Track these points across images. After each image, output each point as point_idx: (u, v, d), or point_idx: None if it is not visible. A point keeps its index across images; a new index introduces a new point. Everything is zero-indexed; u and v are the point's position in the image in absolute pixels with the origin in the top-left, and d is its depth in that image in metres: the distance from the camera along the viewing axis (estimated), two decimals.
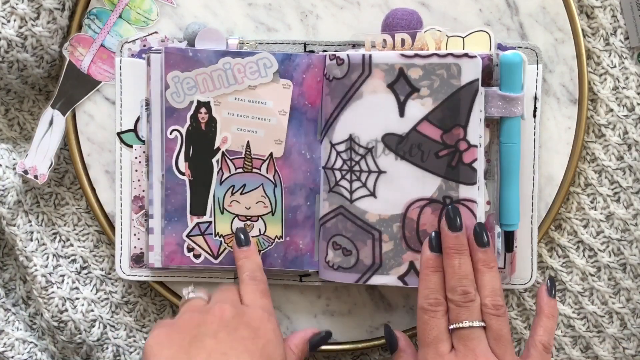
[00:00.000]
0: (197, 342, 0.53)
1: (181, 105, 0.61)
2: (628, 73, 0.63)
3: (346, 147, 0.60)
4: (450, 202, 0.57)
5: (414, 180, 0.58)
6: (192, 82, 0.61)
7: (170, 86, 0.61)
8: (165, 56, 0.60)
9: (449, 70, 0.57)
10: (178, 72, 0.61)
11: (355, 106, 0.59)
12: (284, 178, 0.62)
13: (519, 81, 0.58)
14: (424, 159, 0.58)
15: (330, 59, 0.60)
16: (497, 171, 0.60)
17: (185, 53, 0.61)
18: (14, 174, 0.65)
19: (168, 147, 0.61)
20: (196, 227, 0.62)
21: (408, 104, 0.58)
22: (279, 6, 0.63)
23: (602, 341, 0.66)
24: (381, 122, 0.59)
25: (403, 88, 0.58)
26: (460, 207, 0.57)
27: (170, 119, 0.61)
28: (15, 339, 0.67)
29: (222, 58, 0.61)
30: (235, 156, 0.62)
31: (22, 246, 0.65)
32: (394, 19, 0.62)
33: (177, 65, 0.60)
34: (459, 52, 0.57)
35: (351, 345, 0.66)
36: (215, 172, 0.62)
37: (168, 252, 0.62)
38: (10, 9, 0.60)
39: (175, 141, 0.61)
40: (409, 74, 0.58)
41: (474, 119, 0.57)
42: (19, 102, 0.67)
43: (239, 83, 0.61)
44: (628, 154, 0.64)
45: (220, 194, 0.62)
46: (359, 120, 0.59)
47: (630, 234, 0.64)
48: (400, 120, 0.58)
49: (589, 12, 0.63)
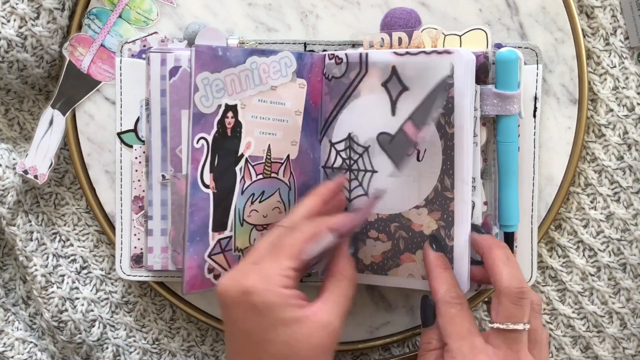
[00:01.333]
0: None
1: (209, 110, 0.56)
2: (628, 73, 0.63)
3: (345, 146, 0.60)
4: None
5: (413, 179, 0.58)
6: (220, 84, 0.56)
7: (199, 89, 0.55)
8: (195, 55, 0.55)
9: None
10: (208, 73, 0.55)
11: (353, 105, 0.59)
12: (296, 180, 0.60)
13: (515, 79, 0.58)
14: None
15: (329, 58, 0.60)
16: (494, 171, 0.60)
17: (215, 52, 0.55)
18: (14, 174, 0.65)
19: (194, 157, 0.55)
20: (217, 245, 0.57)
21: (399, 102, 0.57)
22: (279, 6, 0.63)
23: (602, 341, 0.66)
24: (377, 121, 0.58)
25: (395, 86, 0.57)
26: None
27: (197, 126, 0.55)
28: (15, 339, 0.67)
29: (250, 57, 0.57)
30: (257, 162, 0.58)
31: (22, 246, 0.65)
32: (392, 17, 0.62)
33: (206, 65, 0.55)
34: (441, 49, 0.56)
35: (351, 346, 0.66)
36: (238, 181, 0.57)
37: (189, 277, 0.56)
38: (10, 9, 0.60)
39: (202, 150, 0.56)
40: (401, 72, 0.57)
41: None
42: (19, 102, 0.67)
43: (263, 84, 0.57)
44: (628, 154, 0.64)
45: (241, 204, 0.58)
46: (357, 119, 0.59)
47: (630, 234, 0.64)
48: (392, 119, 0.58)
49: (589, 12, 0.63)
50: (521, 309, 0.51)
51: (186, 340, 0.68)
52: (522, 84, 0.58)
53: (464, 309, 0.53)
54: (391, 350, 0.67)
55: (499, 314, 0.51)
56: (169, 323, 0.68)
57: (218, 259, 0.58)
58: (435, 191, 0.57)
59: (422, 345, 0.55)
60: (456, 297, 0.53)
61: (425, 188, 0.57)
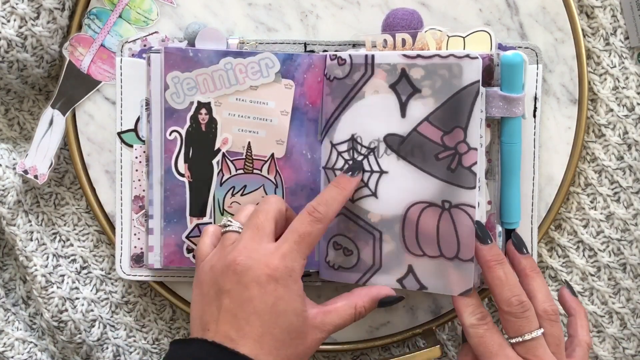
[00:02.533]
0: (217, 300, 0.53)
1: (181, 106, 0.61)
2: (628, 73, 0.63)
3: (348, 147, 0.60)
4: (449, 206, 0.57)
5: (415, 182, 0.58)
6: (192, 82, 0.60)
7: (169, 87, 0.60)
8: (165, 56, 0.60)
9: (451, 71, 0.56)
10: (178, 72, 0.60)
11: (357, 106, 0.59)
12: (286, 179, 0.62)
13: (519, 81, 0.58)
14: (424, 160, 0.57)
15: (331, 59, 0.60)
16: (498, 171, 0.60)
17: (185, 53, 0.60)
18: (14, 174, 0.65)
19: (167, 148, 0.61)
20: (196, 229, 0.62)
21: (409, 104, 0.58)
22: (279, 6, 0.63)
23: (602, 341, 0.66)
24: (383, 122, 0.58)
25: (405, 88, 0.58)
26: (459, 211, 0.56)
27: (169, 120, 0.61)
28: (15, 339, 0.67)
29: (224, 58, 0.60)
30: (236, 157, 0.61)
31: (22, 246, 0.65)
32: (395, 18, 0.62)
33: (177, 65, 0.60)
34: (460, 52, 0.56)
35: (351, 345, 0.66)
36: (216, 174, 0.62)
37: (167, 253, 0.62)
38: (10, 9, 0.60)
39: (175, 142, 0.61)
40: (411, 75, 0.57)
41: (474, 121, 0.56)
42: (19, 102, 0.67)
43: (241, 83, 0.60)
44: (628, 154, 0.64)
45: (221, 195, 0.62)
46: (361, 120, 0.59)
47: (630, 234, 0.64)
48: (402, 121, 0.58)
49: (589, 12, 0.63)
50: (526, 320, 0.54)
51: None
52: (526, 86, 0.58)
53: (490, 326, 0.55)
54: (391, 350, 0.67)
55: (509, 330, 0.54)
56: (169, 323, 0.68)
57: (197, 241, 0.61)
58: (439, 193, 0.57)
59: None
60: (482, 317, 0.55)
61: (422, 190, 0.58)
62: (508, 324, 0.54)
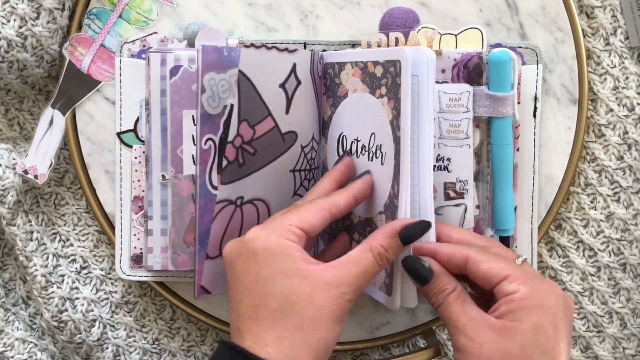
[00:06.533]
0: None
1: (215, 111, 0.55)
2: (628, 73, 0.63)
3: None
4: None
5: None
6: (226, 84, 0.55)
7: (206, 90, 0.54)
8: (202, 55, 0.54)
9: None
10: (214, 73, 0.55)
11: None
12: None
13: (508, 80, 0.57)
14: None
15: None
16: (489, 172, 0.60)
17: (221, 52, 0.55)
18: (14, 174, 0.65)
19: (202, 159, 0.55)
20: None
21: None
22: (279, 6, 0.63)
23: (602, 341, 0.66)
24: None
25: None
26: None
27: (204, 127, 0.55)
28: (15, 338, 0.67)
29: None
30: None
31: (22, 246, 0.65)
32: (391, 17, 0.62)
33: (213, 66, 0.55)
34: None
35: (351, 345, 0.66)
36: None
37: (208, 281, 0.55)
38: (10, 9, 0.60)
39: (209, 152, 0.55)
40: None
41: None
42: (19, 102, 0.67)
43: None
44: (628, 154, 0.64)
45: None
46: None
47: (630, 234, 0.64)
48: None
49: (589, 12, 0.63)
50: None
51: (186, 340, 0.68)
52: (515, 85, 0.57)
53: (458, 299, 0.49)
54: (391, 350, 0.67)
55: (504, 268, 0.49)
56: (169, 323, 0.68)
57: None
58: (389, 197, 0.52)
59: (438, 295, 0.50)
60: (446, 295, 0.50)
61: (383, 194, 0.53)
62: (499, 264, 0.49)
